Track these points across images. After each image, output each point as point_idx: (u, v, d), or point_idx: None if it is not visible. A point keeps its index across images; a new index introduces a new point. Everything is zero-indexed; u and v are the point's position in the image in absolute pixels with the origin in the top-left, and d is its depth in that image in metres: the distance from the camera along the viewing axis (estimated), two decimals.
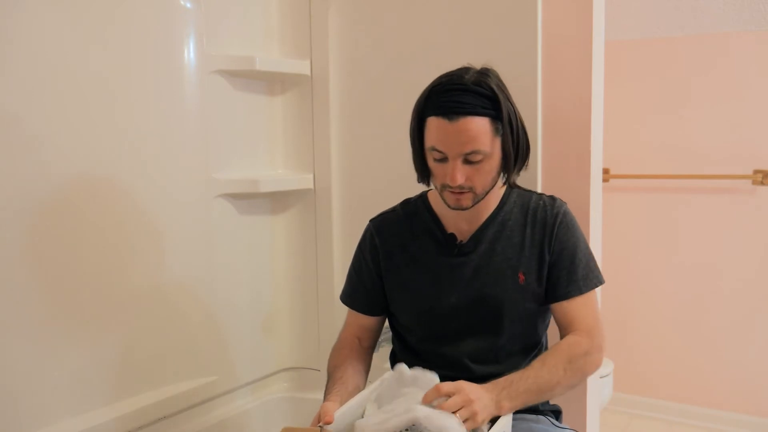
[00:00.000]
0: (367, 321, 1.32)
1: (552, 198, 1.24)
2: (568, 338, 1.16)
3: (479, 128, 1.06)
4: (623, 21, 2.64)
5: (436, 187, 1.16)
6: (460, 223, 1.22)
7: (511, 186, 1.23)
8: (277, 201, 1.88)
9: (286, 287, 1.92)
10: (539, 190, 1.50)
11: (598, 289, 1.64)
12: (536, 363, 1.10)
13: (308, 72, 1.82)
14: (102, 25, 1.43)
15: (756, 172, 2.47)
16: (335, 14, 1.77)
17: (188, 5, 1.60)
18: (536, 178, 1.50)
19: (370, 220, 1.32)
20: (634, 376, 2.76)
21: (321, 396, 1.85)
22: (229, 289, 1.75)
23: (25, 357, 1.34)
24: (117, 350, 1.50)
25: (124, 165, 1.49)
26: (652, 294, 2.72)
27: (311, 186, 1.86)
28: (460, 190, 1.11)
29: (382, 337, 1.64)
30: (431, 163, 1.13)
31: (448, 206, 1.15)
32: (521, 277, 1.19)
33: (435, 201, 1.26)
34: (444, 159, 1.09)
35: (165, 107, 1.57)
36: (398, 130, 1.72)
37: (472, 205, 1.14)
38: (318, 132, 1.84)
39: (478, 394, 0.99)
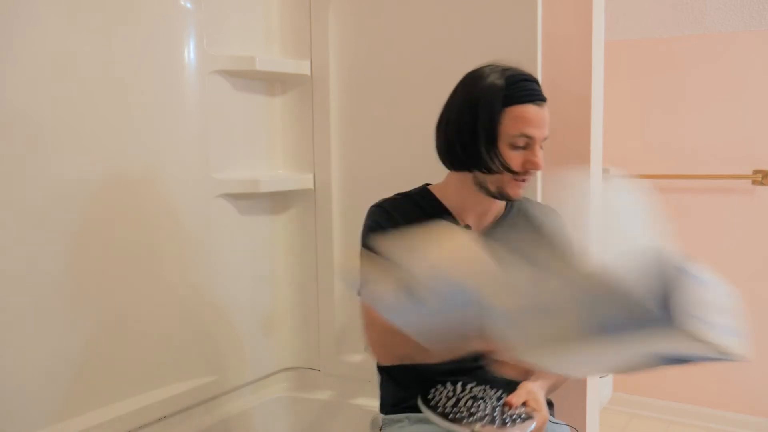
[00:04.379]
0: None
1: (550, 208, 1.31)
2: None
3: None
4: (623, 21, 2.64)
5: (491, 180, 1.16)
6: (468, 220, 1.23)
7: None
8: (277, 201, 1.88)
9: (286, 287, 1.92)
10: (539, 191, 1.50)
11: None
12: None
13: (308, 72, 1.82)
14: (102, 25, 1.43)
15: (755, 172, 2.48)
16: (335, 14, 1.77)
17: (188, 5, 1.60)
18: (536, 178, 1.50)
19: (380, 203, 1.26)
20: (634, 375, 2.76)
21: (321, 396, 1.87)
22: (229, 289, 1.75)
23: (25, 357, 1.34)
24: (117, 350, 1.50)
25: (124, 165, 1.49)
26: None
27: (311, 186, 1.86)
28: (528, 178, 1.16)
29: None
30: (508, 153, 1.13)
31: (502, 197, 1.17)
32: None
33: (443, 196, 1.25)
34: (527, 146, 1.13)
35: (165, 107, 1.57)
36: (399, 130, 1.72)
37: None
38: (318, 132, 1.84)
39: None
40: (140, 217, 1.53)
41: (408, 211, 1.23)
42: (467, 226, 1.22)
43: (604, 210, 0.70)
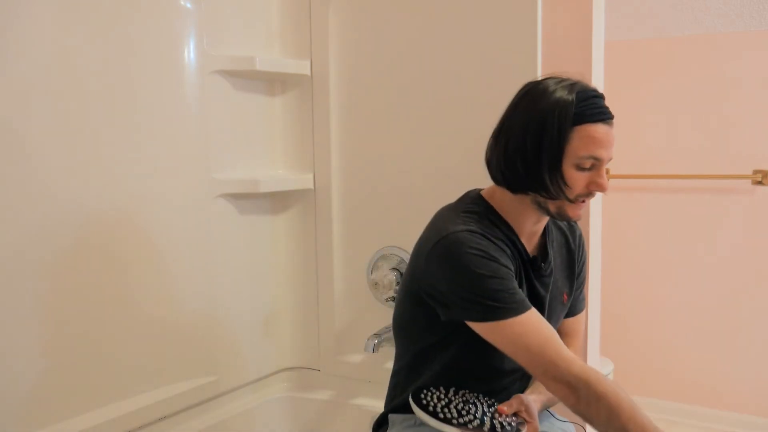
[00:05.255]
0: None
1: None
2: None
3: None
4: (623, 21, 2.64)
5: (553, 201, 1.08)
6: (524, 241, 1.16)
7: None
8: (277, 201, 1.88)
9: (286, 287, 1.92)
10: None
11: (596, 290, 1.65)
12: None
13: (308, 72, 1.82)
14: (103, 25, 1.43)
15: (755, 171, 2.48)
16: (335, 14, 1.77)
17: (188, 5, 1.60)
18: None
19: (471, 230, 1.09)
20: (634, 376, 2.76)
21: (321, 396, 1.87)
22: (229, 289, 1.75)
23: (25, 357, 1.34)
24: (117, 350, 1.50)
25: (124, 165, 1.49)
26: (651, 294, 2.72)
27: (311, 186, 1.86)
28: (587, 199, 1.10)
29: (382, 337, 1.64)
30: (573, 174, 1.06)
31: (565, 219, 1.11)
32: (565, 297, 1.24)
33: (506, 213, 1.14)
34: (593, 167, 1.06)
35: (165, 107, 1.57)
36: (399, 130, 1.72)
37: None
38: (318, 132, 1.84)
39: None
40: (140, 216, 1.53)
41: (491, 232, 1.11)
42: (535, 258, 1.16)
43: None
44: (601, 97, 1.07)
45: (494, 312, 1.05)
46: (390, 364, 1.34)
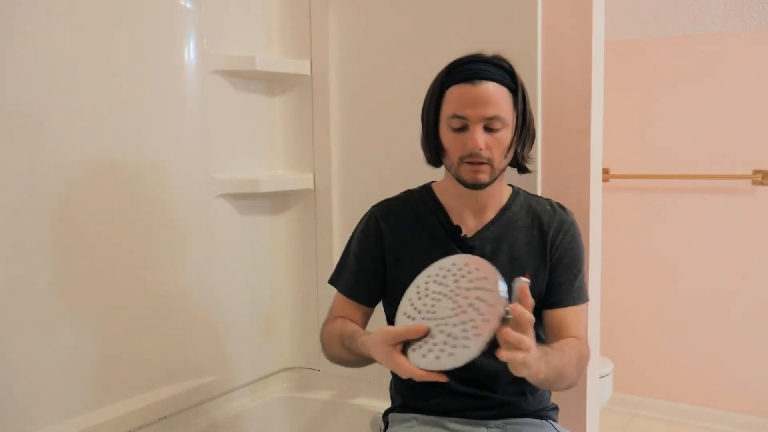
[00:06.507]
0: (364, 312, 1.27)
1: (561, 206, 1.25)
2: (574, 340, 1.15)
3: (500, 94, 1.10)
4: (623, 21, 2.64)
5: (450, 167, 1.15)
6: (466, 217, 1.21)
7: (522, 170, 1.21)
8: (277, 201, 1.88)
9: (286, 287, 1.92)
10: (539, 191, 1.50)
11: (596, 290, 1.64)
12: (556, 349, 1.08)
13: (308, 72, 1.82)
14: (102, 24, 1.43)
15: (755, 172, 2.48)
16: (335, 14, 1.77)
17: (188, 5, 1.60)
18: (536, 178, 1.50)
19: (374, 206, 1.30)
20: (634, 376, 2.76)
21: (321, 396, 1.87)
22: (229, 289, 1.75)
23: (24, 357, 1.34)
24: (116, 350, 1.50)
25: (124, 165, 1.49)
26: (651, 294, 2.72)
27: (311, 186, 1.86)
28: (480, 161, 1.10)
29: None
30: (448, 137, 1.13)
31: (465, 184, 1.13)
32: (527, 274, 1.17)
33: (441, 193, 1.25)
34: (464, 127, 1.10)
35: (165, 107, 1.57)
36: (398, 130, 1.72)
37: (489, 183, 1.13)
38: (318, 132, 1.84)
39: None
40: (140, 217, 1.53)
41: (401, 213, 1.25)
42: (457, 227, 1.20)
43: None
44: (480, 61, 1.11)
45: (334, 273, 1.33)
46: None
